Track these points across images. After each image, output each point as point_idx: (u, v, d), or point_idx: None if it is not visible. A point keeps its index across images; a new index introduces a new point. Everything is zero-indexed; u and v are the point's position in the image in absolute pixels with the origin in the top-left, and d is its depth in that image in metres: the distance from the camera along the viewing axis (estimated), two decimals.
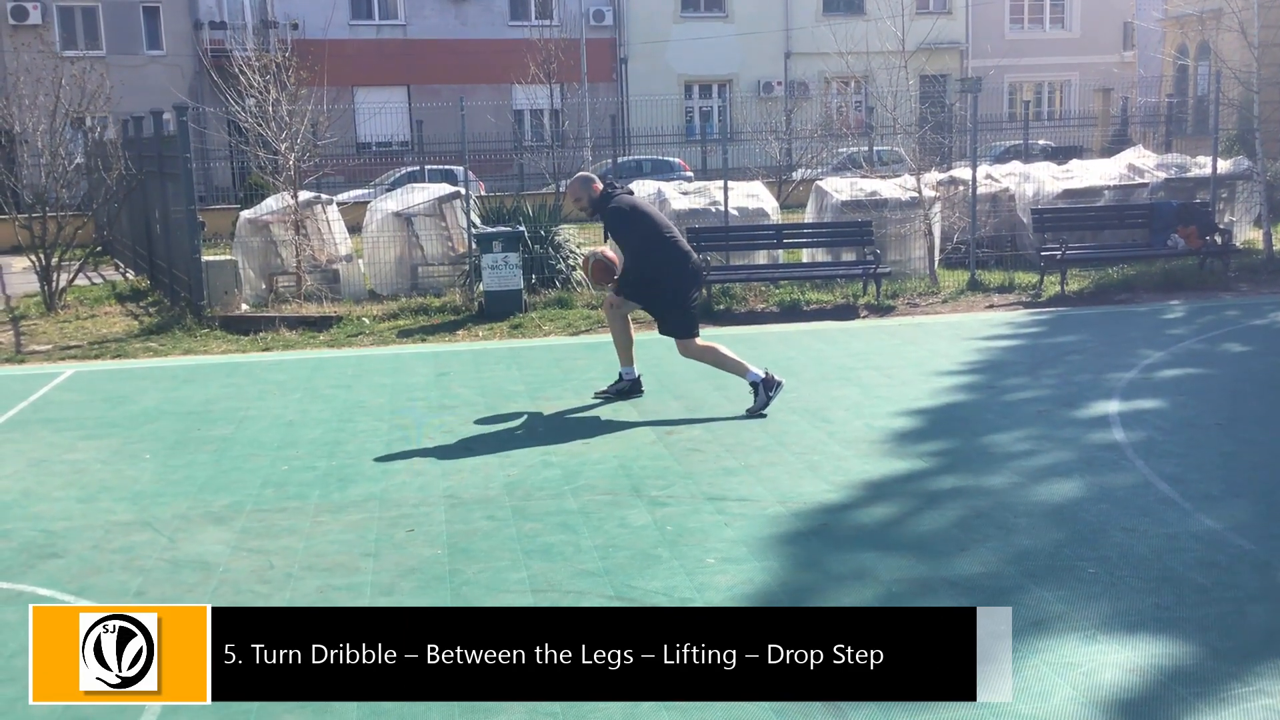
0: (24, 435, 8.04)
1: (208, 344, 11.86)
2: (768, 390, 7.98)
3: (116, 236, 19.40)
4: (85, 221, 16.13)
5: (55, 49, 26.67)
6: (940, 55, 33.75)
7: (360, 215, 15.99)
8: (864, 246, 14.19)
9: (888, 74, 17.49)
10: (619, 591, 4.98)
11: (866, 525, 5.79)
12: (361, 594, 5.03)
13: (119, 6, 32.67)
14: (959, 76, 36.19)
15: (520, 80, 27.00)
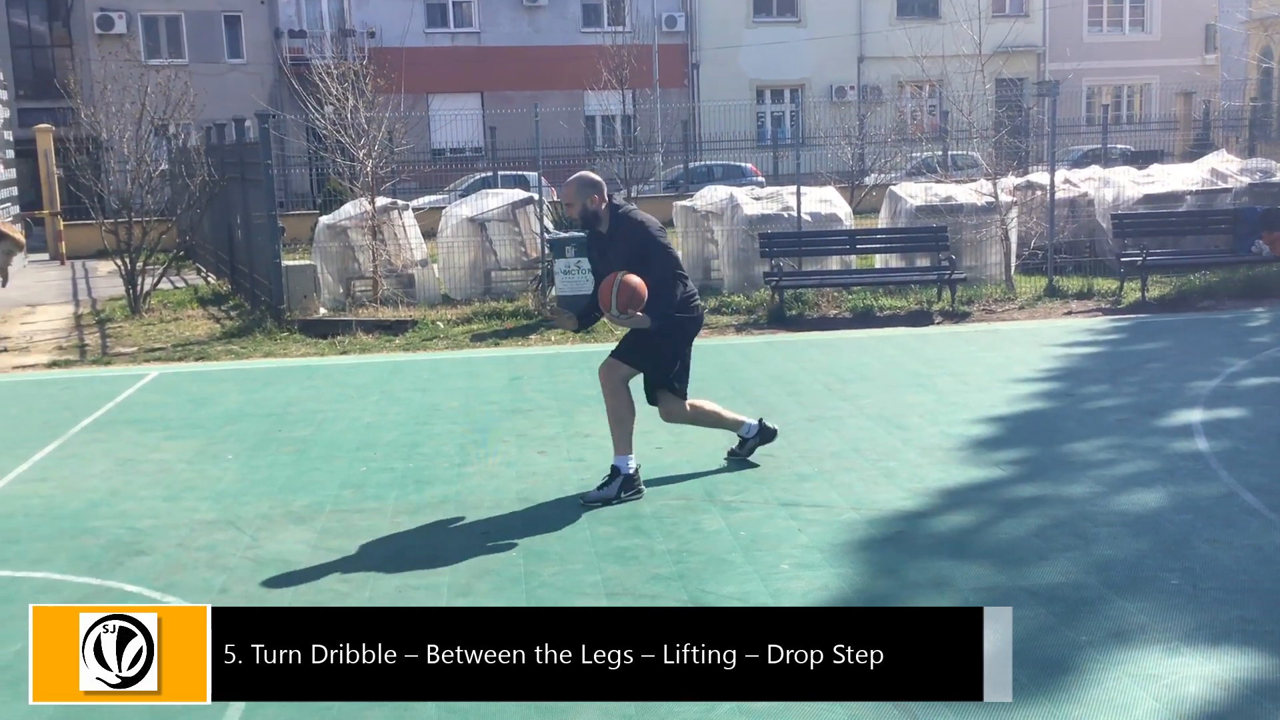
0: (111, 435, 8.24)
1: (287, 347, 12.07)
2: (625, 487, 6.38)
3: (199, 241, 19.82)
4: (169, 227, 16.48)
5: (140, 58, 27.31)
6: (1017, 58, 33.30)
7: (435, 220, 16.18)
8: (938, 252, 14.06)
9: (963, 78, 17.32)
10: (693, 596, 4.99)
11: (943, 533, 5.74)
12: (439, 593, 5.09)
13: (201, 15, 33.38)
14: (1036, 80, 35.71)
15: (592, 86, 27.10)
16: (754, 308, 13.56)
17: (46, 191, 24.36)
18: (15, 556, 5.75)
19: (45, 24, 33.28)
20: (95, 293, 17.71)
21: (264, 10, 33.91)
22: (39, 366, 11.58)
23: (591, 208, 6.39)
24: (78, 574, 5.47)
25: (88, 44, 31.13)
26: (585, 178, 6.48)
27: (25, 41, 32.88)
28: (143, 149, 15.63)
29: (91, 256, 22.61)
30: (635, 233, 6.40)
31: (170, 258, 16.92)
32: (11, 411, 9.20)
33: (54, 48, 33.01)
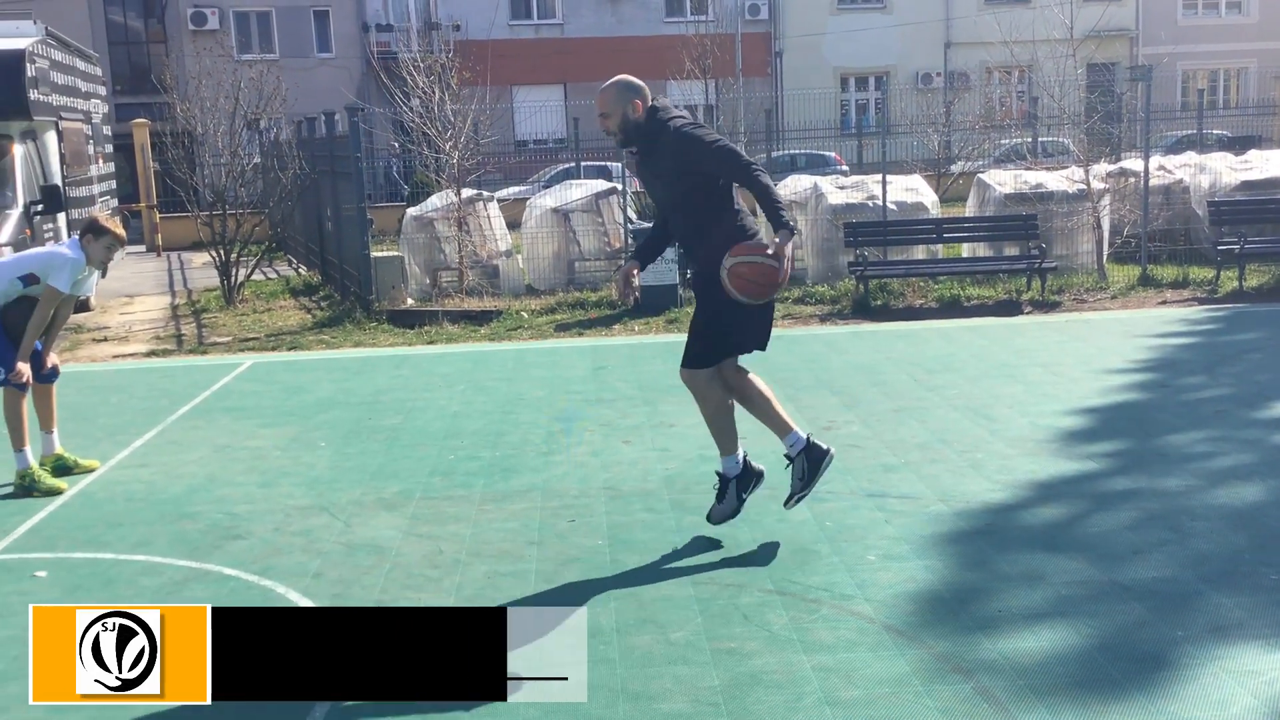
0: (208, 423, 8.46)
1: (376, 337, 12.27)
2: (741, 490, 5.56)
3: (290, 233, 20.22)
4: (261, 219, 16.84)
5: (233, 53, 27.87)
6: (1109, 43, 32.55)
7: (519, 211, 16.31)
8: (1028, 240, 13.84)
9: (1054, 63, 17.00)
10: (779, 586, 4.98)
11: (1033, 526, 5.67)
12: (527, 581, 5.15)
13: (291, 10, 33.97)
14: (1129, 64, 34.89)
15: (675, 76, 27.09)
16: (838, 298, 13.46)
17: (143, 185, 25.01)
18: (117, 540, 5.93)
19: (141, 21, 34.13)
20: (191, 284, 18.15)
21: (352, 4, 34.40)
22: (138, 355, 11.90)
23: (634, 116, 5.28)
24: (177, 557, 5.63)
25: (182, 40, 31.86)
26: (624, 80, 5.37)
27: (122, 38, 33.76)
28: (236, 143, 15.98)
29: (187, 248, 23.17)
30: (683, 140, 5.19)
31: (263, 249, 17.30)
32: (112, 399, 9.48)
33: (149, 44, 33.85)
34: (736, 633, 4.54)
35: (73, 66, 16.34)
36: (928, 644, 4.38)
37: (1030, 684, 4.03)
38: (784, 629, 4.55)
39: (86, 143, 16.89)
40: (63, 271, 6.64)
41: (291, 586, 5.18)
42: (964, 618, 4.60)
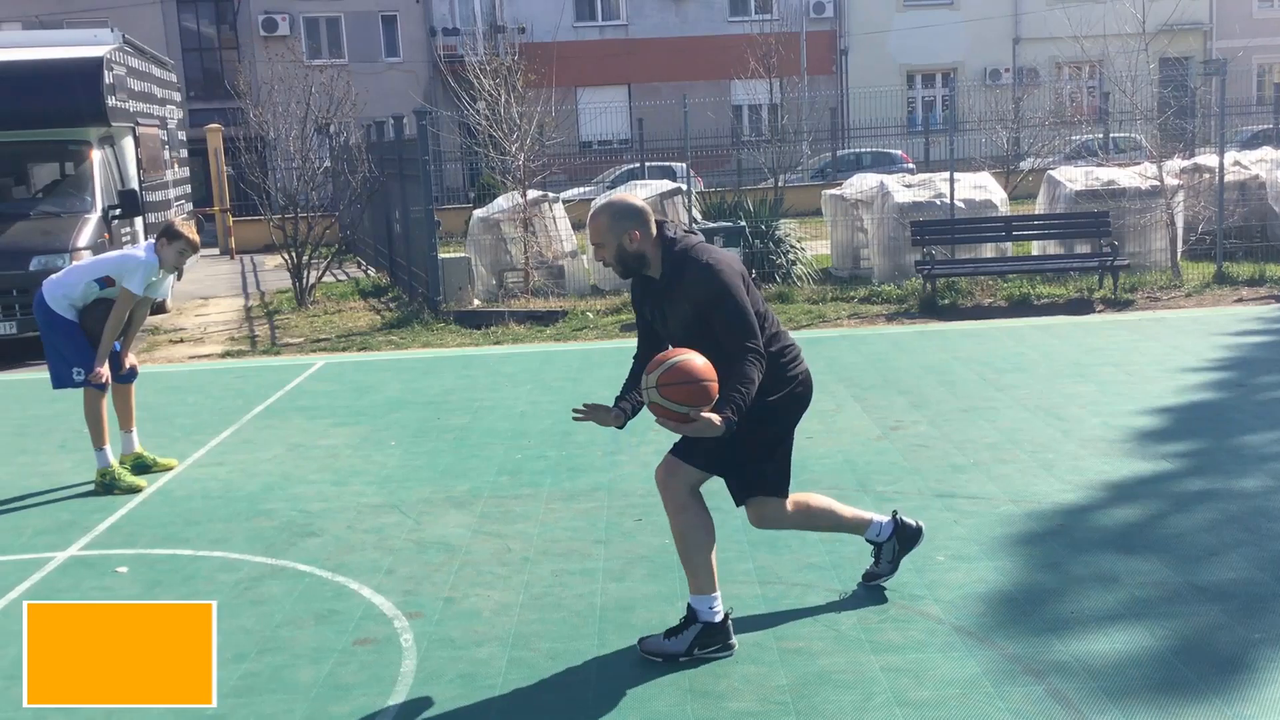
0: (282, 422, 8.61)
1: (443, 337, 12.40)
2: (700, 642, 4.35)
3: (359, 235, 20.48)
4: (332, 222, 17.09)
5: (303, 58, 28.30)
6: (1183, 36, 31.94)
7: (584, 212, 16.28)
8: (1100, 238, 13.64)
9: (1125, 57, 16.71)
10: (845, 586, 4.97)
11: (1107, 527, 5.59)
12: (594, 579, 5.19)
13: (360, 16, 34.42)
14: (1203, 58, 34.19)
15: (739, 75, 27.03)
16: (905, 297, 13.37)
17: (216, 189, 25.48)
18: (196, 537, 6.06)
19: (213, 27, 34.78)
20: (263, 285, 18.46)
21: (419, 9, 34.77)
22: (213, 356, 12.14)
23: (631, 247, 4.35)
24: (254, 553, 5.75)
25: (253, 46, 32.40)
26: (617, 205, 4.44)
27: (195, 45, 34.43)
28: (307, 147, 16.23)
29: (259, 251, 23.57)
30: (701, 279, 4.27)
31: (333, 252, 17.54)
32: (189, 399, 9.68)
33: (221, 50, 34.47)
34: (804, 632, 4.54)
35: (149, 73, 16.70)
36: (998, 645, 4.35)
37: (1103, 686, 3.99)
38: (852, 629, 4.54)
39: (162, 148, 17.25)
40: (136, 274, 6.80)
41: (365, 583, 5.27)
42: (1036, 619, 4.56)
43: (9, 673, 4.50)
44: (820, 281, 14.50)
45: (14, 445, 8.26)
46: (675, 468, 4.44)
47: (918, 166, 26.29)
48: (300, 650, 4.59)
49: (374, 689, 4.23)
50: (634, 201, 4.48)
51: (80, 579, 5.51)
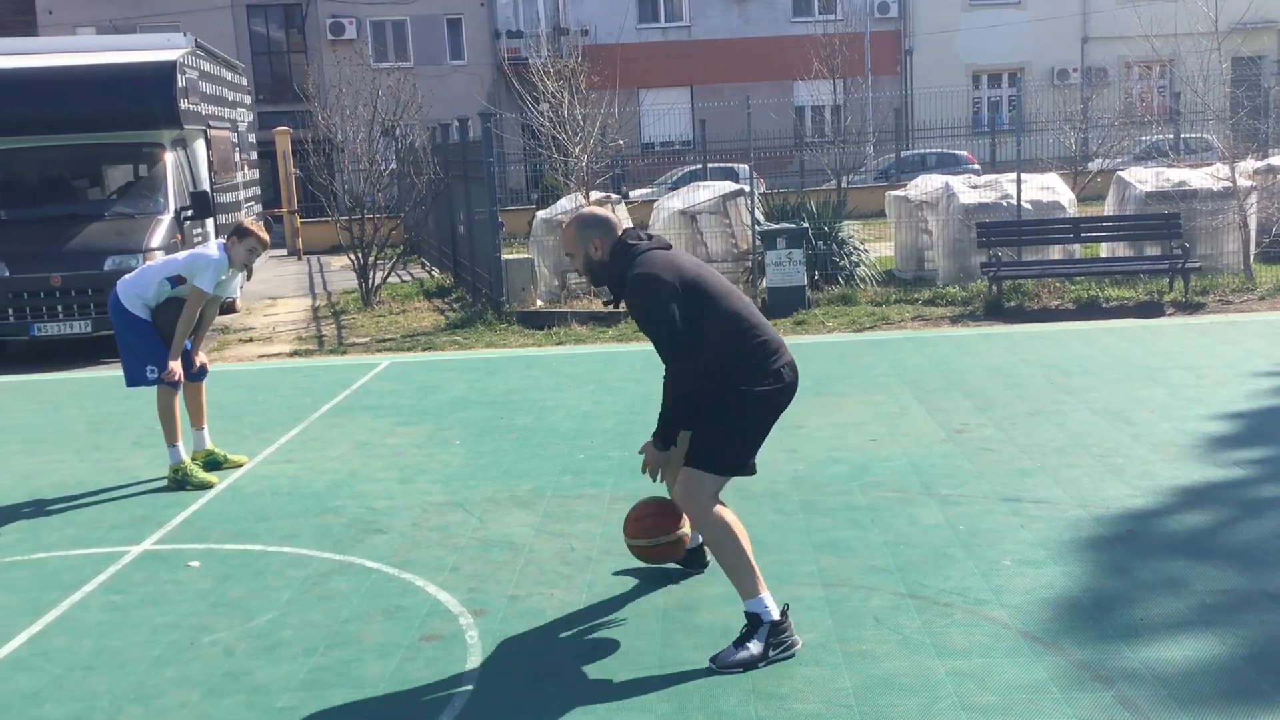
0: (349, 420, 8.73)
1: (506, 338, 12.49)
2: (772, 641, 4.35)
3: (424, 236, 20.69)
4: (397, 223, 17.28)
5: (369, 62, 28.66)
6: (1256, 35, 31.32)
7: (646, 213, 16.42)
8: (1170, 240, 13.41)
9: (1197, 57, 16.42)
10: (911, 590, 4.95)
11: (1177, 533, 5.51)
12: (656, 580, 5.20)
13: (426, 19, 34.76)
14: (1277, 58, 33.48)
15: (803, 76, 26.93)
16: (970, 299, 13.24)
17: (285, 190, 25.86)
18: (266, 532, 6.17)
19: (282, 31, 35.31)
20: (330, 286, 18.71)
21: (484, 12, 35.05)
22: (281, 355, 12.34)
23: (596, 256, 4.59)
24: (322, 549, 5.83)
25: (321, 49, 32.85)
26: (584, 216, 4.70)
27: (264, 48, 34.98)
28: (373, 149, 16.42)
29: (326, 251, 23.89)
30: (630, 295, 4.49)
31: (398, 253, 17.73)
32: (259, 398, 9.84)
33: (290, 53, 35.00)
34: (868, 635, 4.52)
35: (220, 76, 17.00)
36: (1066, 651, 4.30)
37: (1173, 694, 3.93)
38: (916, 633, 4.52)
39: (233, 150, 17.55)
40: (206, 272, 6.94)
41: (430, 580, 5.33)
42: (1104, 625, 4.51)
43: (86, 663, 4.62)
44: (884, 283, 14.41)
45: (89, 441, 8.45)
46: (690, 478, 4.50)
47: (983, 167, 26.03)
48: (367, 646, 4.65)
49: (440, 685, 4.28)
50: (601, 213, 4.72)
51: (154, 572, 5.64)
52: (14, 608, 5.25)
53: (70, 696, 4.33)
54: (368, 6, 34.22)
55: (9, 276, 12.39)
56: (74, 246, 12.60)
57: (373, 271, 15.90)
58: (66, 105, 13.26)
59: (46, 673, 4.54)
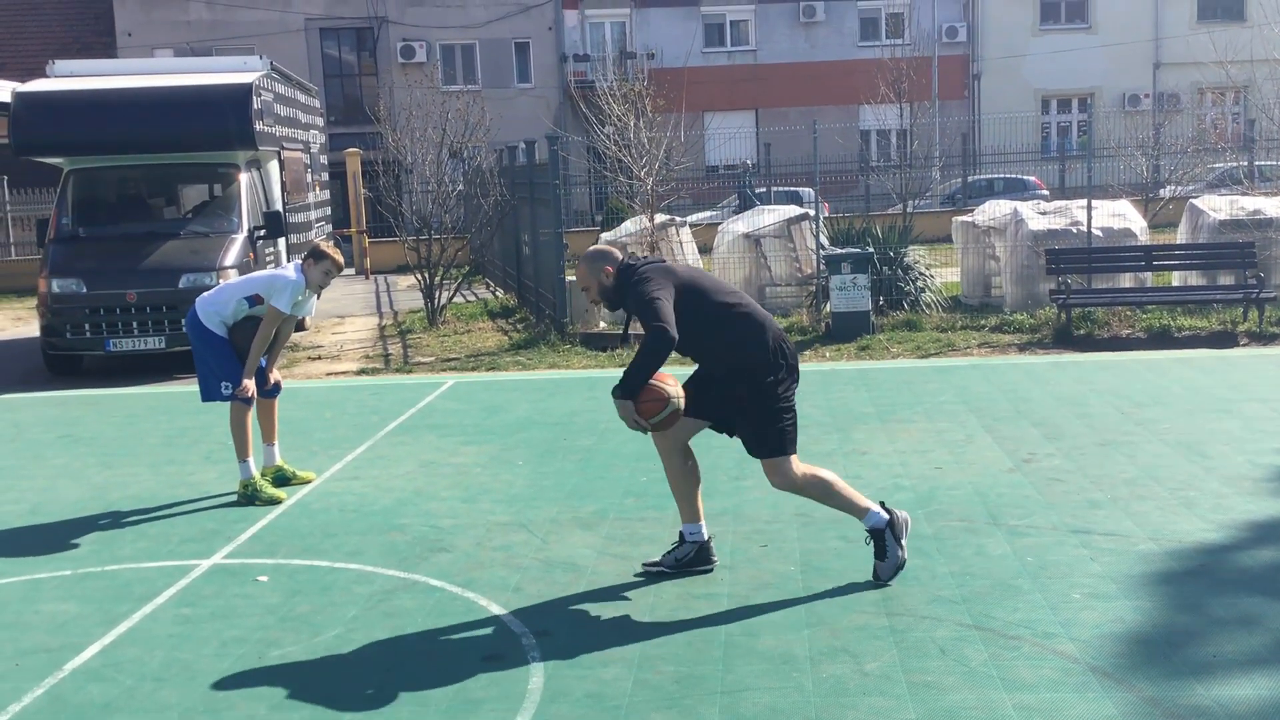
0: (414, 439, 8.82)
1: (569, 359, 12.55)
2: (897, 536, 5.37)
3: (489, 257, 20.88)
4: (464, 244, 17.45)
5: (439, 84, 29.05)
6: None
7: (710, 236, 16.44)
8: (1244, 269, 13.17)
9: (1273, 83, 16.16)
10: (977, 621, 4.89)
11: (1251, 568, 5.40)
12: (719, 603, 5.20)
13: (494, 43, 35.16)
14: None
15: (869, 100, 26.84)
16: (1038, 326, 13.09)
17: (354, 211, 26.24)
18: (333, 549, 6.25)
19: (354, 54, 35.87)
20: (396, 305, 18.94)
21: (551, 36, 35.38)
22: (349, 373, 12.50)
23: (608, 282, 5.39)
24: (387, 567, 5.90)
25: (391, 72, 33.33)
26: (592, 251, 5.52)
27: (336, 71, 35.55)
28: (441, 171, 16.62)
29: (392, 271, 24.19)
30: (632, 296, 5.26)
31: (463, 273, 17.90)
32: (326, 415, 9.97)
33: (361, 76, 35.54)
34: (933, 666, 4.47)
35: (294, 99, 17.31)
36: (1136, 687, 4.23)
37: None
38: (983, 665, 4.46)
39: (305, 171, 17.84)
40: (284, 293, 7.06)
41: (494, 600, 5.37)
42: (1175, 661, 4.43)
43: (157, 675, 4.70)
44: (949, 309, 14.29)
45: (163, 456, 8.62)
46: (775, 467, 5.34)
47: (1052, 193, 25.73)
48: (431, 664, 4.69)
49: (502, 705, 4.31)
50: (604, 247, 5.57)
51: (223, 586, 5.73)
52: (87, 618, 5.36)
53: (141, 708, 4.41)
54: (438, 30, 34.68)
55: (86, 293, 12.69)
56: (149, 264, 12.88)
57: (438, 291, 16.06)
58: (144, 126, 13.55)
59: (118, 683, 4.63)
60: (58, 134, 13.68)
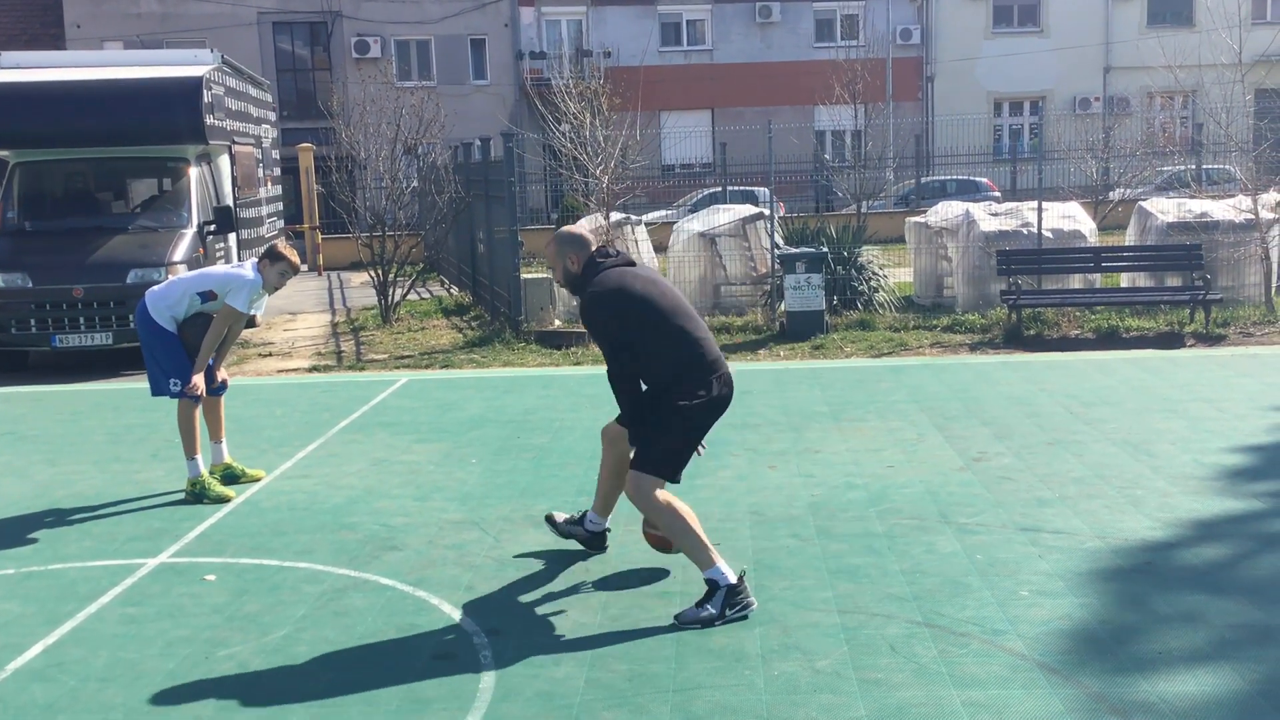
0: (366, 437, 8.75)
1: (524, 357, 12.51)
2: (729, 603, 4.96)
3: (443, 255, 20.77)
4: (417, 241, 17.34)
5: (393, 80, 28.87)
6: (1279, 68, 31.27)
7: (665, 235, 16.45)
8: (1191, 271, 13.37)
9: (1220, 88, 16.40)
10: (927, 618, 4.92)
11: (1195, 566, 5.48)
12: (672, 602, 5.19)
13: (450, 40, 34.97)
14: None
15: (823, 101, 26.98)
16: (989, 326, 13.22)
17: (307, 206, 26.00)
18: (282, 547, 6.18)
19: (307, 49, 35.54)
20: (349, 302, 18.79)
21: (507, 33, 35.24)
22: (300, 371, 12.39)
23: (573, 269, 5.29)
24: (338, 565, 5.85)
25: (345, 67, 33.07)
26: (563, 234, 5.42)
27: (289, 65, 35.20)
28: (395, 167, 16.51)
29: (346, 268, 24.01)
30: (588, 307, 5.24)
31: (418, 270, 17.79)
32: (277, 412, 9.88)
33: (315, 71, 35.22)
34: (883, 663, 4.50)
35: (245, 93, 17.13)
36: (1082, 683, 4.27)
37: None
38: (932, 662, 4.50)
39: (257, 166, 17.66)
40: (241, 292, 6.99)
41: (445, 599, 5.34)
42: (1121, 657, 4.48)
43: (101, 675, 4.63)
44: (902, 309, 14.40)
45: (109, 453, 8.50)
46: (636, 480, 5.16)
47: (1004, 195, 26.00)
48: (381, 663, 4.66)
49: (453, 704, 4.28)
50: (578, 232, 5.47)
51: (170, 585, 5.65)
52: (31, 618, 5.27)
53: (85, 708, 4.34)
54: (392, 26, 34.45)
55: (32, 287, 12.49)
56: (97, 259, 12.70)
57: (392, 288, 15.96)
58: (92, 119, 13.36)
59: (62, 684, 4.56)
60: (4, 126, 13.46)
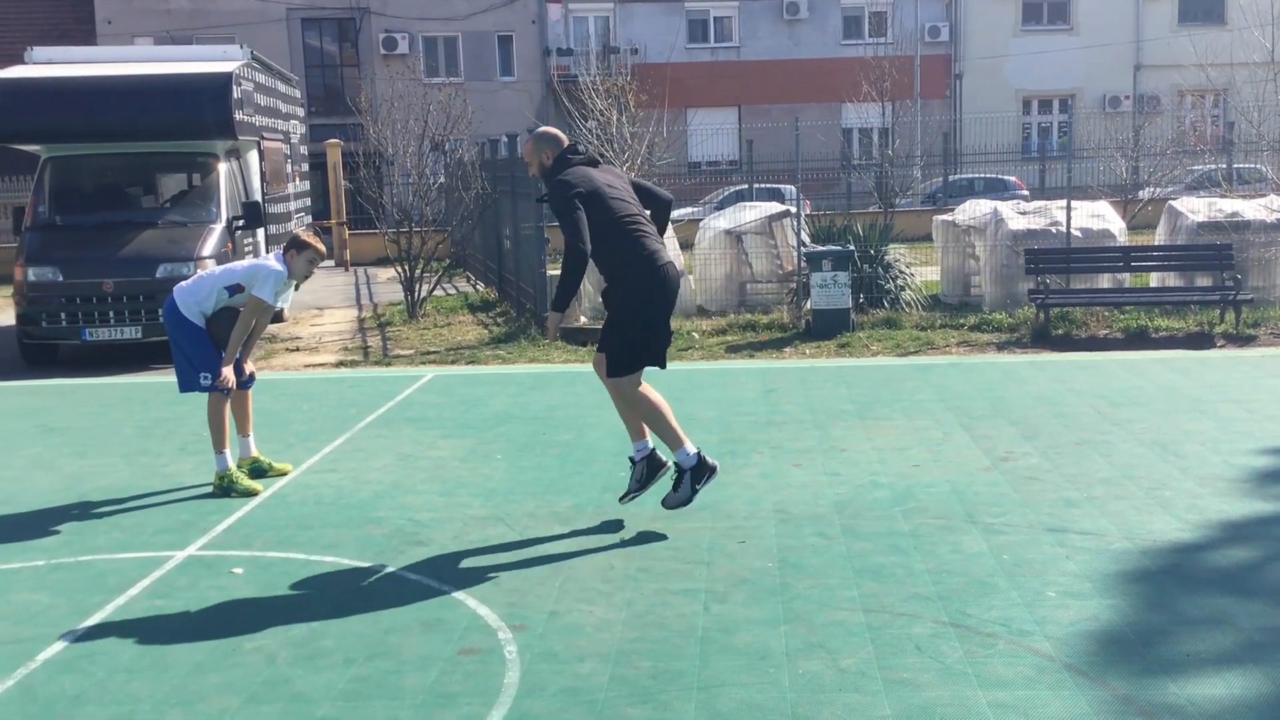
0: (392, 432, 8.79)
1: (550, 354, 12.53)
2: (695, 482, 6.08)
3: (470, 251, 20.82)
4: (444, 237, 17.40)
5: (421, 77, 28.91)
6: None
7: (691, 233, 16.44)
8: (1222, 271, 13.25)
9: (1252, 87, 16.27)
10: (953, 619, 4.90)
11: (1224, 568, 5.43)
12: (697, 599, 5.19)
13: (477, 36, 35.06)
14: None
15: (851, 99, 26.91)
16: (1016, 325, 13.15)
17: (334, 202, 26.11)
18: (308, 541, 6.22)
19: (336, 45, 35.72)
20: (376, 298, 18.86)
21: (534, 30, 35.30)
22: (327, 365, 12.45)
23: (548, 163, 5.95)
24: (364, 560, 5.87)
25: (373, 64, 33.19)
26: (542, 131, 6.09)
27: (318, 61, 35.39)
28: (423, 163, 16.56)
29: (373, 264, 24.11)
30: (552, 191, 5.85)
31: (444, 266, 17.85)
32: (304, 406, 9.93)
33: (343, 67, 35.39)
34: (909, 663, 4.48)
35: (274, 89, 17.22)
36: (1110, 684, 4.25)
37: None
38: (958, 662, 4.48)
39: (285, 161, 17.75)
40: (268, 283, 7.02)
41: (470, 594, 5.35)
42: (1149, 659, 4.45)
43: (129, 666, 4.67)
44: (929, 308, 14.34)
45: (138, 447, 8.56)
46: (615, 385, 5.99)
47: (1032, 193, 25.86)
48: (407, 658, 4.67)
49: (478, 699, 4.29)
50: (554, 131, 6.12)
51: (197, 578, 5.69)
52: (60, 609, 5.32)
53: (113, 699, 4.37)
54: (420, 22, 34.57)
55: (62, 281, 12.60)
56: (127, 253, 12.79)
57: (419, 284, 16.01)
58: (123, 114, 13.45)
59: (90, 675, 4.60)
60: (35, 121, 13.57)
